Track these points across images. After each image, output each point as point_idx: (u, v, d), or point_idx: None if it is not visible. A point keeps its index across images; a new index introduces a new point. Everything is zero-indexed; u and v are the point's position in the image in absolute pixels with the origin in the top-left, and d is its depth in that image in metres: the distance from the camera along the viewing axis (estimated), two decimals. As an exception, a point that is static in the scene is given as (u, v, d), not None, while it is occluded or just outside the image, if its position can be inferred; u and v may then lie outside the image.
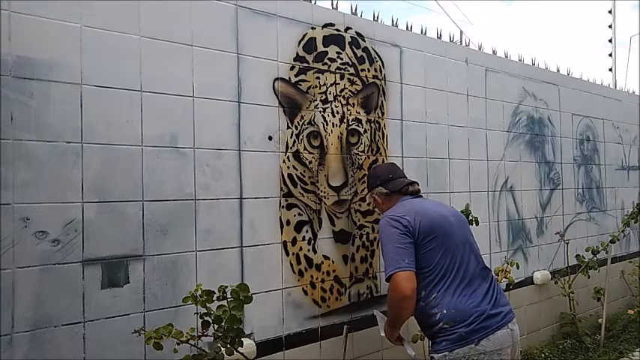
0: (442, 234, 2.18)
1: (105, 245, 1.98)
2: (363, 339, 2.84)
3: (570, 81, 4.55)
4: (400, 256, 2.08)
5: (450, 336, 2.07)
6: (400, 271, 2.05)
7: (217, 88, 2.31)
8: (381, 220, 2.26)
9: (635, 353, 4.04)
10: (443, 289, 2.12)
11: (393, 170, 2.54)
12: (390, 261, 2.10)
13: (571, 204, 4.48)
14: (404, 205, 2.33)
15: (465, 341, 2.05)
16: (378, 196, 2.49)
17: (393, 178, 2.48)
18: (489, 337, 2.05)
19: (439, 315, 2.11)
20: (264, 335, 2.43)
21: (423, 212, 2.22)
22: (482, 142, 3.64)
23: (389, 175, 2.49)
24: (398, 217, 2.17)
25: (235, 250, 2.35)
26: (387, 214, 2.25)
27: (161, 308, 2.11)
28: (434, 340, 2.17)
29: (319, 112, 2.69)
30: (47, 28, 1.87)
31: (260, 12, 2.48)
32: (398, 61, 3.10)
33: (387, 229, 2.16)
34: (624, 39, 28.92)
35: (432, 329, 2.16)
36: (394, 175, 2.51)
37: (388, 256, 2.12)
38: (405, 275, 2.05)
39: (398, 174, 2.53)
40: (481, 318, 2.07)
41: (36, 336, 1.82)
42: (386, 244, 2.15)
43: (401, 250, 2.09)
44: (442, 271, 2.14)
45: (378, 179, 2.50)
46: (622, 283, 5.04)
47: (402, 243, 2.11)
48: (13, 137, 1.79)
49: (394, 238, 2.12)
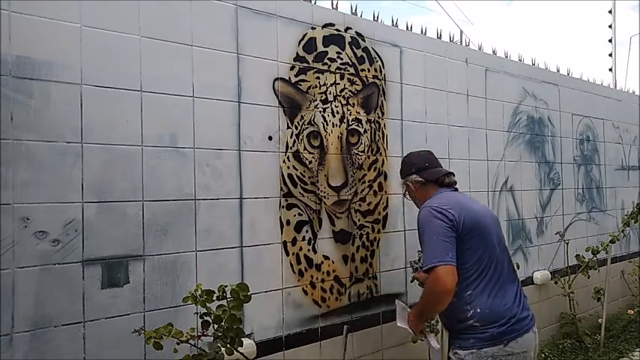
0: (482, 232, 2.15)
1: (105, 245, 1.98)
2: (363, 339, 2.84)
3: (570, 81, 4.55)
4: (445, 250, 2.02)
5: (479, 334, 2.07)
6: (444, 265, 2.00)
7: (217, 88, 2.31)
8: (423, 210, 2.19)
9: (635, 353, 4.04)
10: (479, 287, 2.10)
11: (429, 159, 2.47)
12: (434, 252, 2.03)
13: (571, 204, 4.48)
14: (445, 197, 2.26)
15: (495, 341, 2.05)
16: (413, 184, 2.43)
17: (429, 167, 2.43)
18: (517, 340, 2.06)
19: (472, 312, 2.09)
20: (264, 335, 2.43)
21: (466, 208, 2.17)
22: (482, 142, 3.64)
23: (425, 164, 2.43)
24: (443, 210, 2.11)
25: (235, 250, 2.35)
26: (430, 205, 2.17)
27: (161, 308, 2.11)
28: (459, 336, 2.15)
29: (319, 112, 2.69)
30: (47, 28, 1.87)
31: (260, 12, 2.48)
32: (398, 61, 3.10)
33: (431, 220, 2.10)
34: (624, 39, 28.94)
35: (459, 325, 2.14)
36: (430, 163, 2.45)
37: (431, 247, 2.05)
38: (449, 269, 2.00)
39: (434, 163, 2.47)
40: (512, 320, 2.07)
41: (36, 336, 1.82)
42: (429, 235, 2.08)
43: (445, 244, 2.04)
44: (479, 270, 2.11)
45: (413, 167, 2.44)
46: (622, 283, 5.04)
47: (447, 236, 2.05)
48: (13, 137, 1.79)
49: (439, 230, 2.06)
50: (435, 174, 2.40)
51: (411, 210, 3.12)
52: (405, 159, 2.56)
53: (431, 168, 2.43)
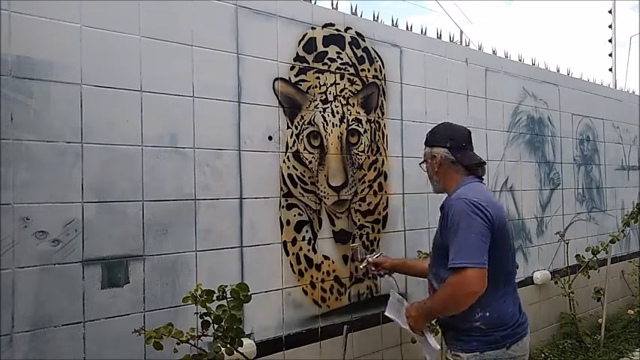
0: (505, 236, 2.04)
1: (105, 245, 1.98)
2: (363, 339, 2.84)
3: (570, 81, 4.55)
4: (480, 251, 1.88)
5: (483, 337, 2.00)
6: (477, 267, 1.86)
7: (217, 88, 2.31)
8: (459, 201, 1.97)
9: (635, 353, 4.04)
10: (491, 291, 1.96)
11: (468, 139, 2.21)
12: (468, 251, 1.88)
13: (571, 204, 4.48)
14: (480, 190, 2.06)
15: (498, 344, 1.99)
16: (440, 159, 2.16)
17: (466, 148, 2.16)
18: (519, 343, 2.02)
19: (480, 315, 1.99)
20: (264, 335, 2.43)
21: (497, 208, 2.01)
22: (483, 142, 3.64)
23: (463, 143, 2.16)
24: (482, 207, 1.93)
25: (235, 250, 2.35)
26: (467, 197, 1.96)
27: (161, 308, 2.11)
28: (461, 337, 2.05)
29: (319, 112, 2.69)
30: (47, 28, 1.87)
31: (260, 12, 2.48)
32: (398, 61, 3.10)
33: (470, 215, 1.92)
34: (624, 39, 28.94)
35: (464, 325, 2.03)
36: (468, 145, 2.18)
37: (466, 245, 1.89)
38: (482, 273, 1.87)
39: (471, 146, 2.21)
40: (516, 324, 2.03)
41: (36, 336, 1.82)
42: (466, 231, 1.90)
43: (482, 244, 1.89)
44: (495, 273, 1.97)
45: (450, 140, 2.15)
46: (622, 283, 5.04)
47: (485, 236, 1.90)
48: (13, 137, 1.79)
49: (477, 228, 1.90)
50: (469, 158, 2.15)
51: (411, 210, 3.13)
52: (442, 128, 2.24)
53: (468, 150, 2.17)
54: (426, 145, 2.25)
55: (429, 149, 2.23)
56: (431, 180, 2.26)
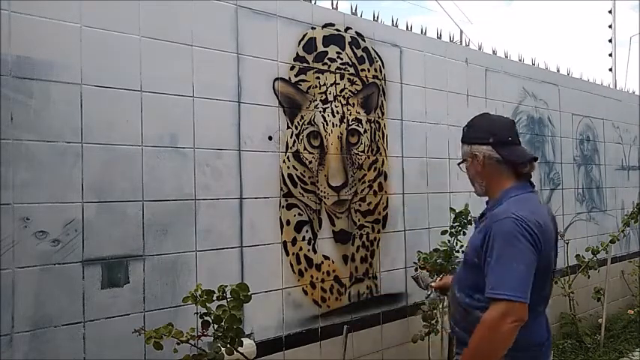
0: (550, 259, 1.76)
1: (105, 245, 1.97)
2: (363, 339, 2.84)
3: (570, 81, 4.55)
4: (526, 283, 1.61)
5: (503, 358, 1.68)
6: (521, 302, 1.60)
7: (217, 88, 2.31)
8: (506, 220, 1.65)
9: (635, 353, 4.04)
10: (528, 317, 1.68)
11: (513, 131, 1.85)
12: (513, 282, 1.60)
13: (571, 204, 4.48)
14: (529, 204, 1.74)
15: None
16: (483, 159, 1.80)
17: (512, 143, 1.82)
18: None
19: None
20: (264, 335, 2.43)
21: (547, 227, 1.71)
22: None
23: (508, 137, 1.81)
24: (533, 231, 1.64)
25: (235, 250, 2.35)
26: (518, 215, 1.64)
27: (161, 308, 2.11)
28: None
29: (319, 112, 2.69)
30: (47, 28, 1.87)
31: (260, 12, 2.48)
32: (398, 61, 3.10)
33: (518, 239, 1.62)
34: (624, 39, 28.90)
35: None
36: (514, 139, 1.83)
37: (512, 274, 1.61)
38: (524, 308, 1.60)
39: (517, 139, 1.86)
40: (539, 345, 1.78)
41: (36, 336, 1.82)
42: (510, 258, 1.62)
43: (528, 275, 1.62)
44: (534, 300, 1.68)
45: (492, 135, 1.79)
46: (622, 283, 5.04)
47: (532, 266, 1.63)
48: (13, 137, 1.79)
49: (526, 255, 1.62)
50: (518, 155, 1.81)
51: (411, 210, 3.13)
52: (480, 121, 1.90)
53: (515, 145, 1.83)
54: (464, 143, 1.90)
55: (467, 147, 1.87)
56: (473, 182, 1.91)
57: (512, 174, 1.80)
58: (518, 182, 1.80)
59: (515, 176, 1.80)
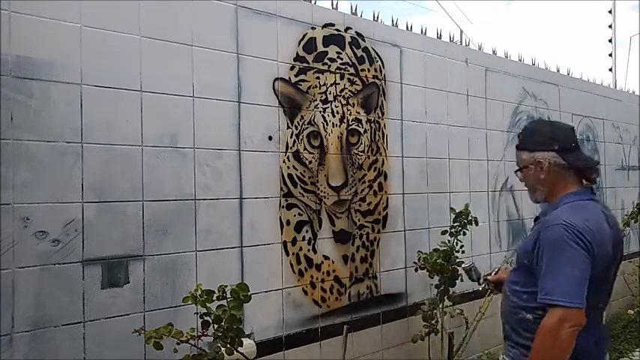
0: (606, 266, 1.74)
1: (105, 245, 1.97)
2: (363, 339, 2.83)
3: (570, 81, 4.55)
4: (581, 288, 1.60)
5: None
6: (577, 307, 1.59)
7: (217, 88, 2.31)
8: (557, 227, 1.64)
9: (635, 353, 4.04)
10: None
11: (574, 138, 1.83)
12: (568, 288, 1.60)
13: (571, 204, 4.47)
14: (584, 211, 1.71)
15: None
16: (548, 165, 1.76)
17: (576, 148, 1.79)
18: None
19: None
20: (264, 335, 2.43)
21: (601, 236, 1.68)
22: (483, 142, 3.64)
23: (572, 143, 1.79)
24: (584, 237, 1.63)
25: (235, 250, 2.35)
26: (569, 222, 1.63)
27: (161, 308, 2.11)
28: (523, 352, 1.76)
29: (319, 112, 2.69)
30: (47, 28, 1.87)
31: (260, 12, 2.48)
32: (398, 61, 3.10)
33: (570, 244, 1.62)
34: (624, 39, 28.87)
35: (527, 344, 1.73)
36: (577, 145, 1.80)
37: (567, 280, 1.60)
38: (582, 313, 1.60)
39: (579, 145, 1.83)
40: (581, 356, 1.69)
41: (36, 336, 1.82)
42: (564, 264, 1.62)
43: (584, 281, 1.61)
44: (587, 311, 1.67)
45: (556, 142, 1.76)
46: (622, 283, 5.03)
47: (587, 272, 1.62)
48: (13, 137, 1.79)
49: (580, 260, 1.61)
50: (585, 160, 1.80)
51: (411, 210, 3.13)
52: (542, 128, 1.89)
53: (579, 150, 1.80)
54: (523, 150, 1.85)
55: (529, 154, 1.82)
56: (534, 189, 1.86)
57: (576, 180, 1.78)
58: (580, 188, 1.78)
59: (579, 182, 1.79)
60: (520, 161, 1.86)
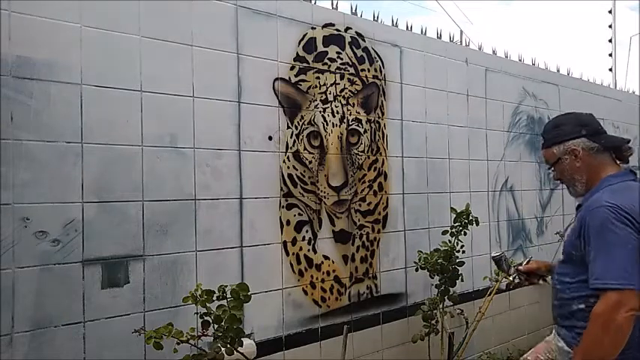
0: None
1: (105, 245, 1.98)
2: (363, 339, 2.83)
3: (570, 81, 4.55)
4: (633, 267, 1.54)
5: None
6: (631, 289, 1.53)
7: (217, 88, 2.31)
8: (601, 209, 1.61)
9: (635, 353, 4.03)
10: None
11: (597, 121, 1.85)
12: (620, 269, 1.54)
13: (571, 204, 4.46)
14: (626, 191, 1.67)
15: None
16: (581, 151, 1.76)
17: (603, 131, 1.81)
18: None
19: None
20: (265, 335, 2.43)
21: None
22: (483, 142, 3.64)
23: (598, 127, 1.81)
24: (630, 216, 1.58)
25: (235, 250, 2.35)
26: (610, 203, 1.61)
27: (161, 308, 2.11)
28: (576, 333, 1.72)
29: (319, 112, 2.69)
30: (47, 28, 1.87)
31: (260, 12, 2.48)
32: (398, 61, 3.10)
33: (616, 225, 1.57)
34: (624, 39, 28.85)
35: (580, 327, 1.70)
36: (602, 128, 1.83)
37: (616, 261, 1.55)
38: (637, 295, 1.53)
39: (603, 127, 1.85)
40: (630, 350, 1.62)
41: (36, 336, 1.82)
42: (611, 244, 1.57)
43: (634, 260, 1.55)
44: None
45: (584, 127, 1.79)
46: None
47: (636, 250, 1.56)
48: (13, 137, 1.79)
49: (628, 240, 1.56)
50: (613, 140, 1.81)
51: (411, 210, 3.13)
52: (567, 119, 1.87)
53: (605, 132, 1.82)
54: (553, 144, 1.84)
55: (560, 147, 1.81)
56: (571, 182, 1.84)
57: (611, 160, 1.78)
58: (618, 169, 1.77)
59: (614, 163, 1.78)
60: (551, 157, 1.85)
